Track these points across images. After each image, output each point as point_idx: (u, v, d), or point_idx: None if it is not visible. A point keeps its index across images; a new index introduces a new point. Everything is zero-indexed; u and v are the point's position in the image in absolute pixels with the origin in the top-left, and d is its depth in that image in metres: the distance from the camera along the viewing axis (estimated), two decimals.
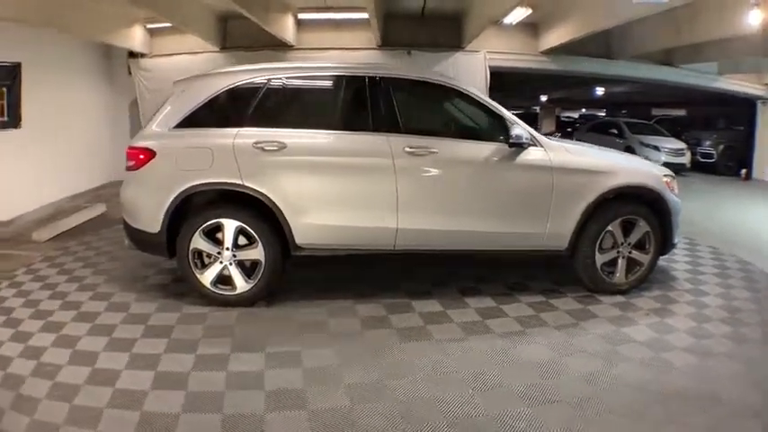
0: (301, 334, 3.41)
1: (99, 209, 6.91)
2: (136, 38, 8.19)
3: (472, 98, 3.95)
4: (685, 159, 12.55)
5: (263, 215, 3.70)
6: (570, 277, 4.31)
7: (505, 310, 3.83)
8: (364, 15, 9.33)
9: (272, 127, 3.75)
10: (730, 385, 2.85)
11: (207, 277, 3.76)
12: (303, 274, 4.42)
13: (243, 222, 3.68)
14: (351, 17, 9.20)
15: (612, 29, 8.17)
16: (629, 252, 4.12)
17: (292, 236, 3.71)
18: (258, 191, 3.63)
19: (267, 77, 3.83)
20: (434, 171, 3.76)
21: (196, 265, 3.76)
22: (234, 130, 3.71)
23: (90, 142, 8.40)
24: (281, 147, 3.66)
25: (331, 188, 3.73)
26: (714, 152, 12.83)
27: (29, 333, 3.35)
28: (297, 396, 2.70)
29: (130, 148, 3.84)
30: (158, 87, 8.50)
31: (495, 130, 3.89)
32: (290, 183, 3.67)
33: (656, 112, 21.53)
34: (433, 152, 3.73)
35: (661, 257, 4.33)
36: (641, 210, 4.07)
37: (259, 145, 3.66)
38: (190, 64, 8.43)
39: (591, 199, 3.91)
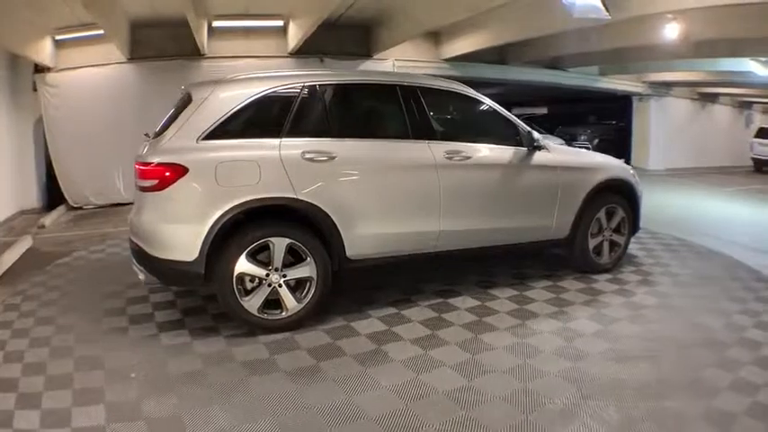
0: (381, 345, 3.57)
1: (26, 242, 6.26)
2: (45, 50, 7.42)
3: (490, 106, 4.58)
4: None
5: (313, 230, 3.80)
6: (554, 262, 5.21)
7: (530, 296, 4.48)
8: (279, 23, 9.52)
9: (313, 137, 3.86)
10: (739, 329, 3.79)
11: (254, 304, 3.70)
12: None
13: (294, 239, 3.72)
14: (264, 25, 9.31)
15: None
16: (611, 235, 5.07)
17: (343, 249, 3.88)
18: (314, 204, 3.73)
19: (300, 85, 3.92)
20: (469, 174, 4.27)
21: (239, 291, 3.68)
22: (275, 141, 3.74)
23: None
24: (331, 157, 3.82)
25: (382, 197, 4.02)
26: (590, 145, 15.13)
27: (62, 410, 2.80)
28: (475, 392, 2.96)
29: (146, 164, 3.56)
30: (64, 104, 7.85)
31: (511, 134, 4.56)
32: (343, 194, 3.86)
33: (515, 111, 24.26)
34: (468, 156, 4.24)
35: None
36: (619, 199, 5.04)
37: (308, 156, 3.77)
38: (98, 78, 7.92)
39: (586, 192, 4.77)
